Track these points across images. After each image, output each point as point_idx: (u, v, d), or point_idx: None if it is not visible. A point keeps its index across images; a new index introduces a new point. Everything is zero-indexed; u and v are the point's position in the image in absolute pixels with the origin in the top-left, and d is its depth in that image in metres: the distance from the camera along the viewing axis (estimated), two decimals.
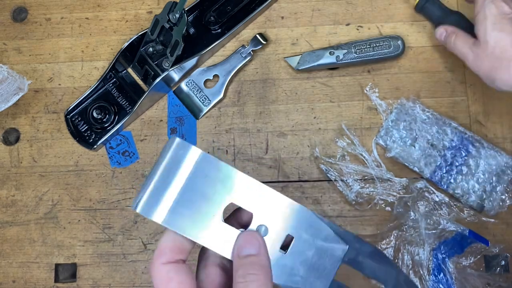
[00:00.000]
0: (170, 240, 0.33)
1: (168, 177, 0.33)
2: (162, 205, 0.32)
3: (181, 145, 0.33)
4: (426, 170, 0.61)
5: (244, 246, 0.33)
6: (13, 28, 0.70)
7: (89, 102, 0.66)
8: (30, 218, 0.65)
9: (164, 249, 0.33)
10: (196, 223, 0.33)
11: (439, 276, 0.57)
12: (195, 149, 0.33)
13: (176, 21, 0.61)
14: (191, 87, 0.67)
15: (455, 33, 0.58)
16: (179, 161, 0.33)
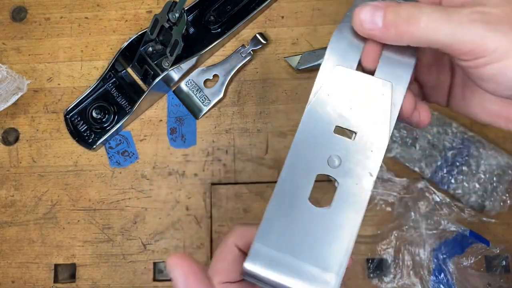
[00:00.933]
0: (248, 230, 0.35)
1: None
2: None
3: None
4: (426, 170, 0.61)
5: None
6: (13, 27, 0.70)
7: (89, 102, 0.66)
8: (29, 218, 0.65)
9: (245, 235, 0.35)
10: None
11: (440, 276, 0.57)
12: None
13: (176, 21, 0.61)
14: (191, 87, 0.66)
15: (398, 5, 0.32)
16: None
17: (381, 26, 0.31)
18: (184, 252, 0.35)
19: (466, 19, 0.29)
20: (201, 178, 0.64)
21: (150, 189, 0.64)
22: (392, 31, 0.31)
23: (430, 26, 0.30)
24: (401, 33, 0.31)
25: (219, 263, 0.34)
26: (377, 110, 0.33)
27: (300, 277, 0.30)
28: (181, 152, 0.65)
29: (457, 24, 0.29)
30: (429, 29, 0.30)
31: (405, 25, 0.30)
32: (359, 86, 0.34)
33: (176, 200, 0.64)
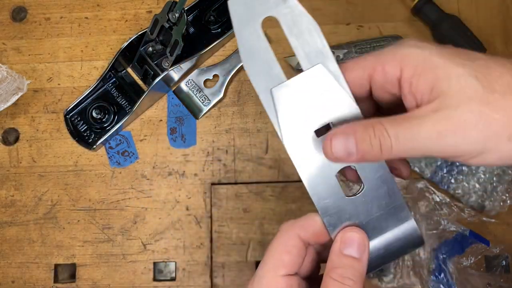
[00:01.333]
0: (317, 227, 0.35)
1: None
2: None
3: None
4: (426, 170, 0.61)
5: (349, 244, 0.33)
6: (13, 27, 0.70)
7: (89, 102, 0.66)
8: (29, 218, 0.65)
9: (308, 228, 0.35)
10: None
11: (440, 276, 0.57)
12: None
13: (176, 21, 0.61)
14: (190, 86, 0.66)
15: (376, 125, 0.31)
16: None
17: (355, 155, 0.32)
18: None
19: (434, 134, 0.30)
20: (201, 178, 0.64)
21: (150, 189, 0.64)
22: (366, 158, 0.32)
23: (401, 149, 0.31)
24: (376, 158, 0.32)
25: (284, 255, 0.34)
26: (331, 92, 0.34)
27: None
28: (181, 152, 0.65)
29: (426, 141, 0.30)
30: (402, 151, 0.31)
31: (379, 153, 0.31)
32: (305, 87, 0.34)
33: (176, 200, 0.64)
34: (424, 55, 0.31)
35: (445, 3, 0.65)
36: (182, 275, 0.62)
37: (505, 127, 0.29)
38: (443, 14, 0.63)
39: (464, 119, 0.29)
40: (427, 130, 0.30)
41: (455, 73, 0.30)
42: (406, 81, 0.32)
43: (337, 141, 0.32)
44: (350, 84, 0.34)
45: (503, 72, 0.30)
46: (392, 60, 0.32)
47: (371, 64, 0.33)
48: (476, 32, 0.63)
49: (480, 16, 0.66)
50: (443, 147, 0.30)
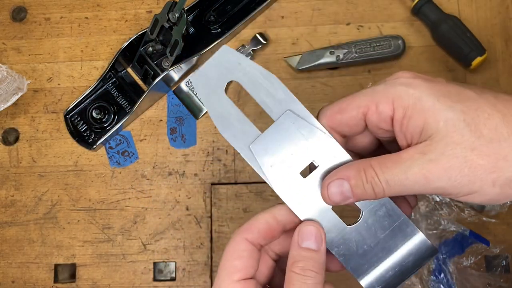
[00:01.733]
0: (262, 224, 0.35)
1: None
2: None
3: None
4: None
5: (307, 237, 0.34)
6: (12, 27, 0.70)
7: (89, 102, 0.66)
8: (29, 218, 0.65)
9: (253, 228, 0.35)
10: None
11: (440, 276, 0.57)
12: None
13: (176, 21, 0.61)
14: (190, 86, 0.66)
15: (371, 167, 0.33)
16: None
17: (352, 198, 0.34)
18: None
19: (421, 178, 0.31)
20: (201, 178, 0.64)
21: (150, 189, 0.64)
22: (363, 199, 0.34)
23: (393, 191, 0.32)
24: (371, 199, 0.34)
25: (235, 261, 0.35)
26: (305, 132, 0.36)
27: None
28: (181, 152, 0.65)
29: (415, 184, 0.31)
30: (394, 193, 0.33)
31: (373, 195, 0.33)
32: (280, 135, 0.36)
33: (176, 200, 0.64)
34: (415, 96, 0.32)
35: (445, 3, 0.65)
36: (182, 275, 0.62)
37: (489, 172, 0.30)
38: (442, 15, 0.63)
39: (450, 165, 0.31)
40: (414, 175, 0.31)
41: (443, 117, 0.31)
42: (397, 122, 0.33)
43: (333, 188, 0.34)
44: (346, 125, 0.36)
45: (492, 115, 0.31)
46: (385, 100, 0.33)
47: (365, 103, 0.34)
48: (476, 32, 0.63)
49: (480, 16, 0.66)
50: (432, 189, 0.32)
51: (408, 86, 0.33)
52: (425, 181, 0.31)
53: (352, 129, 0.36)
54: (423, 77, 0.34)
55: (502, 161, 0.30)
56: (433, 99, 0.32)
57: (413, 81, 0.33)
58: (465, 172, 0.30)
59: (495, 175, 0.30)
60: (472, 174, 0.30)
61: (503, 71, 0.64)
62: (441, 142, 0.31)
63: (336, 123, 0.36)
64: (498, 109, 0.31)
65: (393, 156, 0.33)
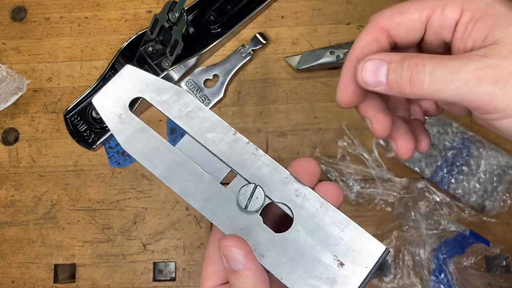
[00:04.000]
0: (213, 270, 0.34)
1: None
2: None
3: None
4: (426, 170, 0.61)
5: (230, 259, 0.31)
6: (12, 27, 0.70)
7: (89, 102, 0.66)
8: (29, 219, 0.65)
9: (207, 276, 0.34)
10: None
11: (440, 276, 0.57)
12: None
13: (176, 21, 0.61)
14: (190, 86, 0.66)
15: (417, 59, 0.30)
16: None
17: (384, 84, 0.30)
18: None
19: (473, 78, 0.28)
20: None
21: (150, 189, 0.64)
22: (395, 90, 0.30)
23: (433, 87, 0.28)
24: (404, 93, 0.30)
25: (208, 267, 0.34)
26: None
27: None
28: None
29: (462, 84, 0.28)
30: (433, 90, 0.29)
31: (408, 86, 0.29)
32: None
33: (176, 200, 0.64)
34: (487, 1, 0.30)
35: None
36: (182, 275, 0.62)
37: None
38: None
39: (510, 71, 0.27)
40: (467, 72, 0.28)
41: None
42: (462, 25, 0.30)
43: (369, 65, 0.30)
44: (404, 27, 0.32)
45: None
46: (453, 3, 0.30)
47: (431, 5, 0.31)
48: None
49: None
50: (479, 95, 0.28)
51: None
52: (476, 83, 0.27)
53: (409, 33, 0.32)
54: None
55: None
56: (505, 5, 0.29)
57: None
58: None
59: None
60: None
61: None
62: (506, 48, 0.28)
63: (395, 24, 0.32)
64: None
65: (447, 55, 0.29)
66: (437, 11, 0.31)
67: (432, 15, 0.31)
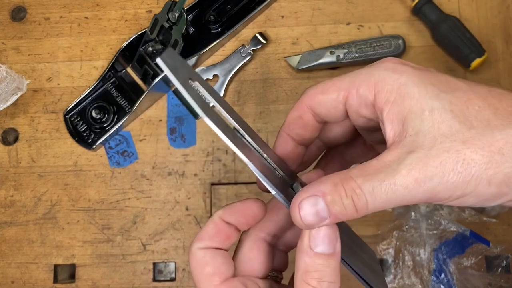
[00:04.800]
0: (212, 228, 0.33)
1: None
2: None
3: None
4: None
5: (321, 241, 0.29)
6: (12, 27, 0.69)
7: (88, 102, 0.66)
8: (28, 219, 0.65)
9: (203, 235, 0.33)
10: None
11: (440, 276, 0.57)
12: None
13: (176, 21, 0.61)
14: None
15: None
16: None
17: (328, 219, 0.28)
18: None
19: (411, 182, 0.27)
20: (201, 178, 0.64)
21: (150, 189, 0.64)
22: (341, 219, 0.29)
23: (378, 204, 0.28)
24: (351, 218, 0.29)
25: (205, 268, 0.33)
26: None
27: None
28: (181, 152, 0.65)
29: (403, 190, 0.27)
30: (380, 205, 0.28)
31: (355, 212, 0.28)
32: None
33: (176, 200, 0.64)
34: (400, 82, 0.29)
35: (445, 3, 0.65)
36: (182, 275, 0.62)
37: (484, 169, 0.27)
38: (442, 15, 0.63)
39: (441, 161, 0.27)
40: (402, 178, 0.27)
41: (429, 106, 0.28)
42: (378, 108, 0.30)
43: (306, 207, 0.28)
44: (325, 106, 0.33)
45: (484, 107, 0.28)
46: (366, 83, 0.30)
47: (346, 86, 0.31)
48: (476, 32, 0.63)
49: (481, 15, 0.65)
50: (421, 194, 0.27)
51: (394, 71, 0.30)
52: (415, 185, 0.27)
53: (330, 112, 0.33)
54: (411, 64, 0.31)
55: (498, 155, 0.26)
56: (419, 86, 0.29)
57: (400, 67, 0.30)
58: (458, 169, 0.26)
59: (491, 171, 0.26)
60: (466, 171, 0.26)
61: (504, 71, 0.64)
62: (428, 136, 0.27)
63: (316, 103, 0.33)
64: (489, 102, 0.28)
65: (374, 161, 0.28)
66: (352, 91, 0.31)
67: (348, 95, 0.31)
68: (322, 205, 0.28)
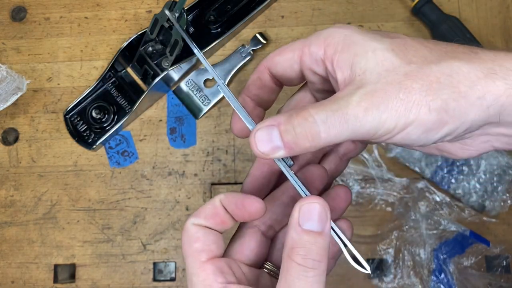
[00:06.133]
0: (210, 209, 0.34)
1: None
2: None
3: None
4: (427, 170, 0.61)
5: (310, 217, 0.30)
6: (12, 27, 0.70)
7: (88, 102, 0.66)
8: (29, 219, 0.65)
9: (200, 213, 0.34)
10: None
11: (440, 276, 0.57)
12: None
13: (176, 21, 0.61)
14: (190, 86, 0.66)
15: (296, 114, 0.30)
16: None
17: (283, 149, 0.30)
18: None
19: (361, 110, 0.29)
20: (201, 178, 0.64)
21: (150, 189, 0.64)
22: (295, 149, 0.30)
23: (331, 133, 0.29)
24: (304, 148, 0.30)
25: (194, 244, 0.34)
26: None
27: None
28: (181, 152, 0.65)
29: (354, 119, 0.29)
30: (332, 136, 0.29)
31: (307, 141, 0.29)
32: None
33: (176, 200, 0.64)
34: (345, 34, 0.32)
35: (445, 3, 0.65)
36: (182, 275, 0.62)
37: (425, 96, 0.29)
38: (442, 15, 0.63)
39: (385, 91, 0.29)
40: (353, 108, 0.29)
41: (371, 48, 0.30)
42: (328, 60, 0.32)
43: (260, 136, 0.30)
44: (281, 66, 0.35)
45: (420, 48, 0.31)
46: (316, 41, 0.33)
47: (300, 46, 0.34)
48: (476, 32, 0.63)
49: (481, 15, 0.66)
50: (370, 123, 0.29)
51: (340, 27, 0.33)
52: (364, 113, 0.29)
53: (286, 72, 0.35)
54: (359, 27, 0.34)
55: (436, 83, 0.29)
56: (362, 34, 0.32)
57: (346, 25, 0.33)
58: (400, 96, 0.29)
59: (430, 97, 0.29)
60: (408, 99, 0.29)
61: None
62: (373, 72, 0.30)
63: (273, 64, 0.36)
64: (425, 45, 0.31)
65: (327, 99, 0.30)
66: (305, 50, 0.33)
67: (301, 54, 0.34)
68: (276, 134, 0.30)
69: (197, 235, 0.34)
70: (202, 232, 0.34)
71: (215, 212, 0.34)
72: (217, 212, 0.34)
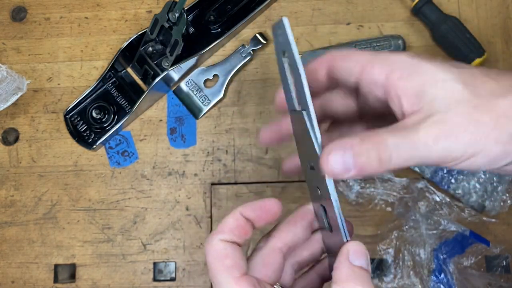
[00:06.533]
0: (233, 222, 0.35)
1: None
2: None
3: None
4: (426, 170, 0.61)
5: (359, 255, 0.33)
6: (12, 27, 0.70)
7: (88, 102, 0.66)
8: (29, 219, 0.65)
9: (224, 228, 0.34)
10: None
11: (440, 276, 0.57)
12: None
13: (176, 21, 0.61)
14: (190, 87, 0.66)
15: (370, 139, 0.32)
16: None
17: (353, 170, 0.31)
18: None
19: (430, 137, 0.30)
20: (201, 178, 0.64)
21: (150, 189, 0.64)
22: (365, 171, 0.31)
23: (400, 160, 0.31)
24: (374, 171, 0.31)
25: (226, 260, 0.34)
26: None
27: None
28: (181, 152, 0.65)
29: (423, 147, 0.30)
30: (400, 162, 0.31)
31: (378, 166, 0.31)
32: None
33: (176, 200, 0.64)
34: (413, 62, 0.33)
35: (445, 3, 0.65)
36: (182, 275, 0.62)
37: (493, 129, 0.30)
38: (442, 15, 0.63)
39: (455, 122, 0.30)
40: (423, 135, 0.30)
41: (441, 78, 0.31)
42: (393, 83, 0.33)
43: (334, 157, 0.31)
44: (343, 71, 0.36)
45: (486, 80, 0.32)
46: (382, 62, 0.33)
47: (365, 60, 0.34)
48: (476, 32, 0.63)
49: (480, 16, 0.66)
50: (439, 151, 0.31)
51: (407, 56, 0.33)
52: (434, 141, 0.30)
53: (342, 77, 0.36)
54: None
55: (503, 117, 0.30)
56: (431, 63, 0.33)
57: (413, 54, 0.34)
58: (470, 129, 0.30)
59: (497, 131, 0.30)
60: (477, 131, 0.30)
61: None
62: (442, 102, 0.31)
63: (336, 64, 0.36)
64: (491, 77, 0.32)
65: (397, 124, 0.32)
66: (368, 67, 0.34)
67: (363, 69, 0.34)
68: (349, 155, 0.31)
69: (226, 252, 0.34)
70: (230, 249, 0.34)
71: (238, 224, 0.35)
72: (239, 223, 0.35)
